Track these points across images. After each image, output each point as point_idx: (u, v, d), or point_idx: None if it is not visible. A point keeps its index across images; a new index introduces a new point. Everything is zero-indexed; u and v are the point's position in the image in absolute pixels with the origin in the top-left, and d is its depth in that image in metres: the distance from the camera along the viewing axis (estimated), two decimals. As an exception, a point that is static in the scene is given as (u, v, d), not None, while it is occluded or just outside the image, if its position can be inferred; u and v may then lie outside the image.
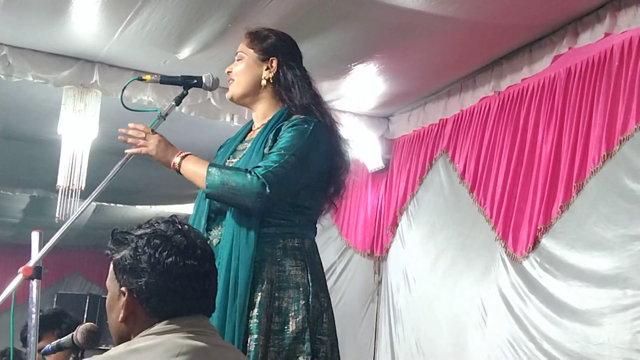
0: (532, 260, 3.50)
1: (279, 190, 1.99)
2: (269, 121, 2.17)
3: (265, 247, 2.02)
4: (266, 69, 2.21)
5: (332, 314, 2.11)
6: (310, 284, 2.03)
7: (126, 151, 2.12)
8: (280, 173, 1.98)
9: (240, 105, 2.31)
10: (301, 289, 2.01)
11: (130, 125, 2.11)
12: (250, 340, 1.95)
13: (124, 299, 1.48)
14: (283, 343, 1.96)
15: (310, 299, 2.01)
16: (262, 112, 2.24)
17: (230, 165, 2.17)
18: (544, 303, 3.37)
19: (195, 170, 2.04)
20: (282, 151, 2.02)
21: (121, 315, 1.48)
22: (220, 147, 2.33)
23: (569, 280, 3.26)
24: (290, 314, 1.98)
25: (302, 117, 2.14)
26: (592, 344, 3.06)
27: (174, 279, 1.45)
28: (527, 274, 3.51)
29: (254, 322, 1.96)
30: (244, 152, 2.17)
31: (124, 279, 1.48)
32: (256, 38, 2.25)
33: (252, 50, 2.23)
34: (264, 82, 2.21)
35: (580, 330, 3.13)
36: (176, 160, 2.07)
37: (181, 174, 2.08)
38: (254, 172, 1.97)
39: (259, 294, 1.98)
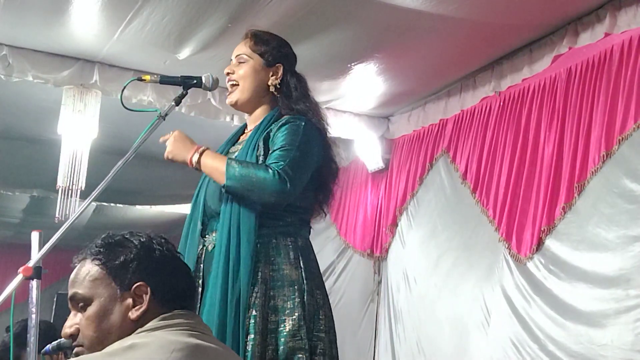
0: (537, 262, 3.49)
1: (298, 185, 2.02)
2: (260, 123, 2.18)
3: (259, 247, 2.03)
4: (271, 75, 2.22)
5: (330, 311, 2.11)
6: (305, 281, 2.03)
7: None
8: (295, 168, 2.00)
9: (238, 110, 2.31)
10: (296, 287, 2.02)
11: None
12: (248, 340, 1.96)
13: None
14: (280, 342, 1.97)
15: (305, 297, 2.01)
16: (256, 116, 2.25)
17: None
18: (548, 304, 3.37)
19: (214, 165, 2.04)
20: (287, 146, 2.03)
21: None
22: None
23: (573, 282, 3.26)
24: (286, 312, 1.99)
25: (292, 115, 2.15)
26: (595, 345, 3.05)
27: None
28: (532, 276, 3.50)
29: (250, 322, 1.97)
30: (236, 154, 2.17)
31: None
32: (260, 42, 2.25)
33: (257, 55, 2.23)
34: (272, 88, 2.22)
35: (584, 332, 3.13)
36: (195, 158, 2.07)
37: (200, 170, 2.08)
38: (274, 168, 1.98)
39: (254, 294, 1.99)
